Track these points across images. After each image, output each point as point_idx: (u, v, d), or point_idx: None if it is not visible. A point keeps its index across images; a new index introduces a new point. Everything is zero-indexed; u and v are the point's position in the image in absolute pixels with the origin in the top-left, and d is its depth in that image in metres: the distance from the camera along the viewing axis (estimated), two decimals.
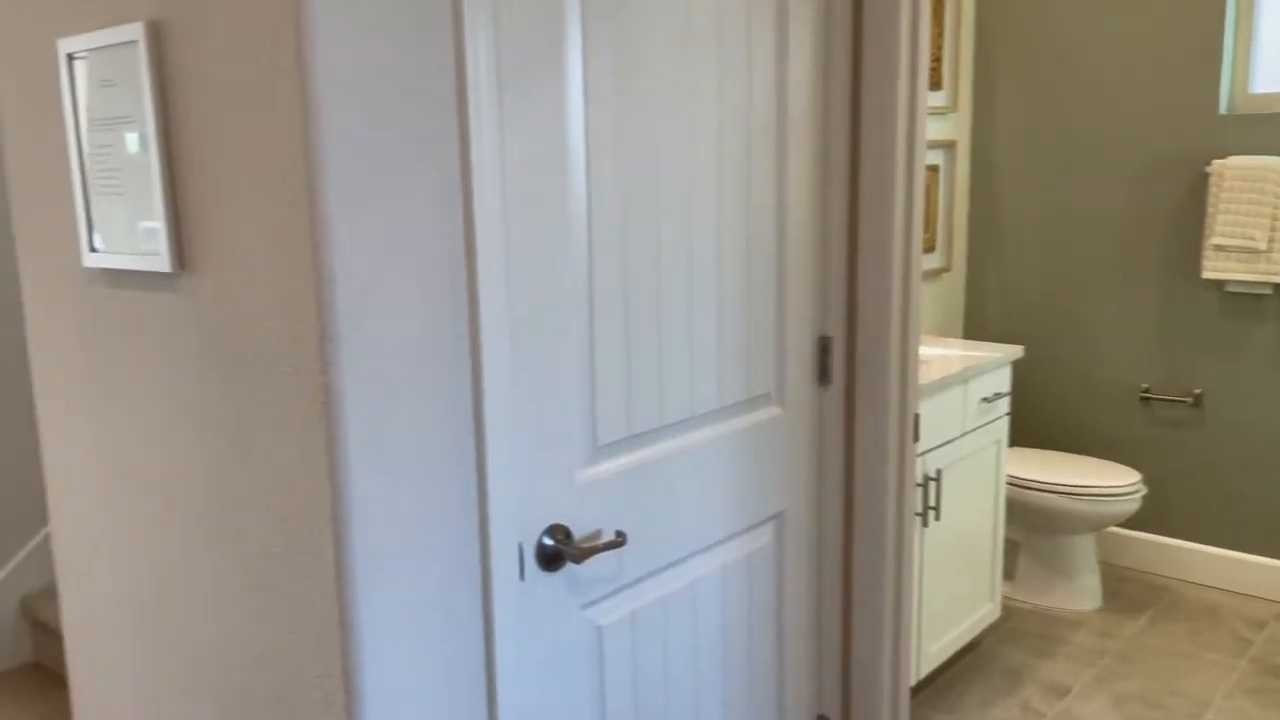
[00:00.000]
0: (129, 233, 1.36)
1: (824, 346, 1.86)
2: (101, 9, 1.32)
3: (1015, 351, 2.88)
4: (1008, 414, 2.90)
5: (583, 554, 1.41)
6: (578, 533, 1.45)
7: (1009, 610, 3.29)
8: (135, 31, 1.25)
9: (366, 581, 1.19)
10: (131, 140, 1.32)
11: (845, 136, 1.82)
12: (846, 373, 1.90)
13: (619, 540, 1.45)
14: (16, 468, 2.65)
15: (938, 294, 3.66)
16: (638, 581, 1.57)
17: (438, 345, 1.23)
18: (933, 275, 3.63)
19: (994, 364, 2.77)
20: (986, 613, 2.92)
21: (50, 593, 2.69)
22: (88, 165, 1.40)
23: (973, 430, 2.71)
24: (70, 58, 1.38)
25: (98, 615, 1.62)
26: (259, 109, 1.15)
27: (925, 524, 2.55)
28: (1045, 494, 3.13)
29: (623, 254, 1.46)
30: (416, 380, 1.21)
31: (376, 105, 1.14)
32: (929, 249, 3.58)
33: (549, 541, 1.40)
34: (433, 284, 1.22)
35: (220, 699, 1.41)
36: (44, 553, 2.71)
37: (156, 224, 1.30)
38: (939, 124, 3.52)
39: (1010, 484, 3.19)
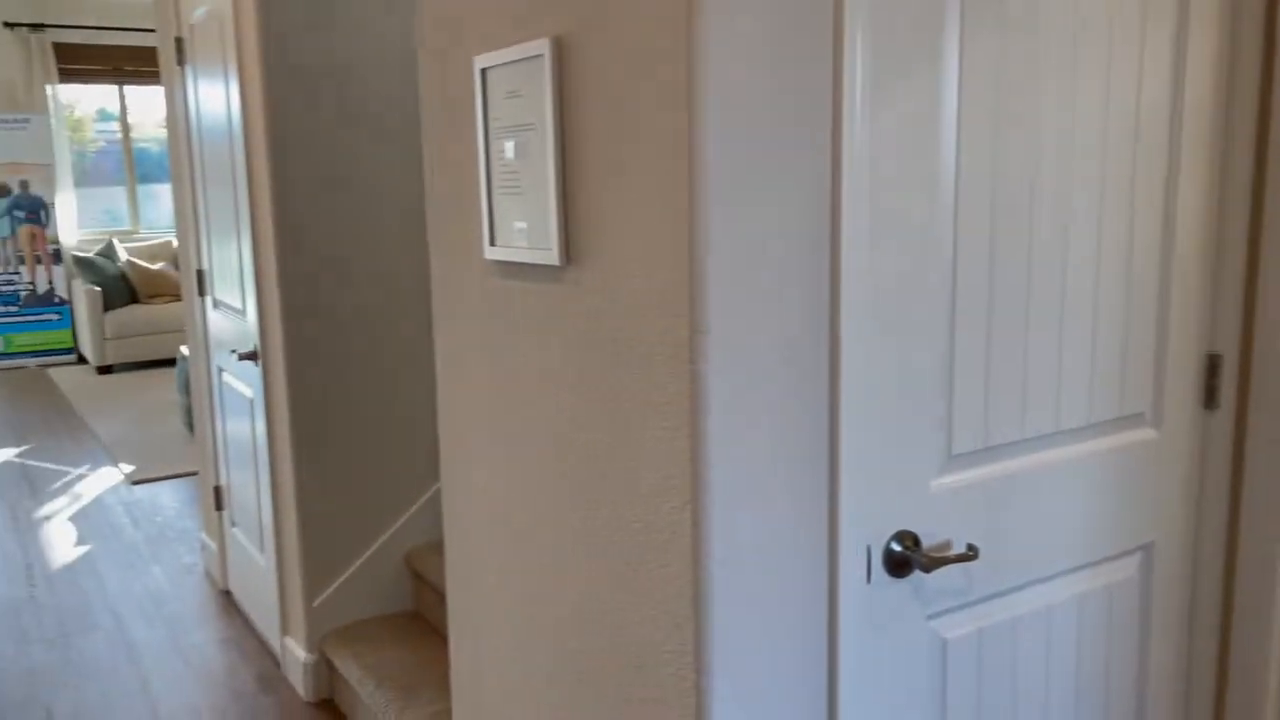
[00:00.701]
0: (524, 229, 1.51)
1: (1212, 365, 1.69)
2: (513, 28, 1.47)
3: None
4: None
5: (931, 563, 1.38)
6: (926, 541, 1.42)
7: None
8: (542, 47, 1.38)
9: (721, 563, 1.24)
10: (532, 145, 1.46)
11: (1250, 141, 1.64)
12: (1238, 395, 1.72)
13: (970, 554, 1.40)
14: (408, 434, 3.01)
15: None
16: (986, 599, 1.51)
17: (800, 343, 1.26)
18: None
19: None
20: None
21: (430, 548, 3.03)
22: (493, 168, 1.57)
23: None
24: (484, 72, 1.55)
25: (476, 573, 1.81)
26: (647, 116, 1.23)
27: None
28: None
29: (989, 258, 1.41)
30: (778, 375, 1.25)
31: (755, 113, 1.18)
32: None
33: (897, 547, 1.39)
34: (798, 283, 1.24)
35: (579, 660, 1.53)
36: (426, 512, 3.06)
37: (549, 221, 1.43)
38: None
39: None
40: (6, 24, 7.93)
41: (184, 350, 5.63)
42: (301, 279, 2.79)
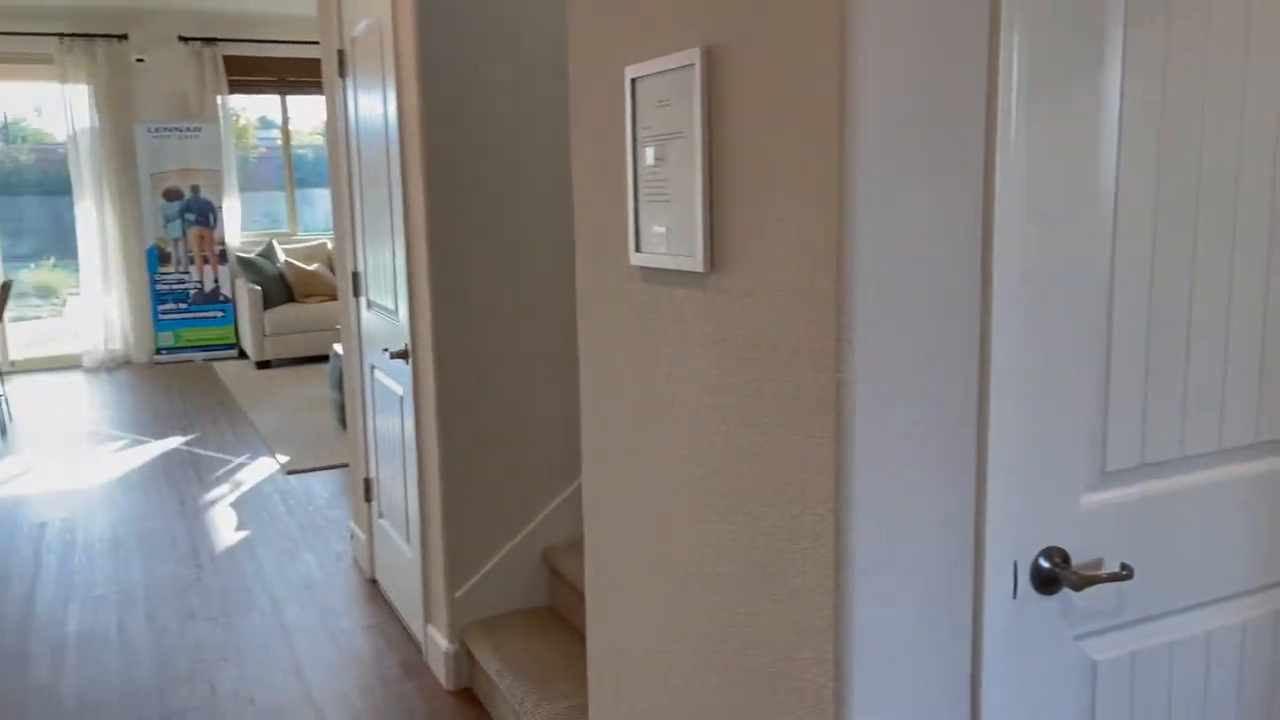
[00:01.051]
0: (669, 235, 1.54)
1: None
2: (665, 38, 1.50)
3: None
4: None
5: (1081, 581, 1.34)
6: (1076, 559, 1.38)
7: None
8: (693, 56, 1.41)
9: (863, 573, 1.24)
10: (680, 153, 1.48)
11: None
12: None
13: (1124, 574, 1.36)
14: (548, 434, 3.09)
15: None
16: (1140, 621, 1.45)
17: (947, 352, 1.24)
18: None
19: None
20: None
21: (567, 546, 3.10)
22: (640, 176, 1.60)
23: None
24: (634, 82, 1.58)
25: (616, 573, 1.85)
26: (795, 124, 1.24)
27: None
28: None
29: (1150, 267, 1.36)
30: (924, 384, 1.24)
31: (908, 120, 1.18)
32: None
33: (1045, 564, 1.35)
34: (947, 292, 1.23)
35: (718, 661, 1.54)
36: (564, 510, 3.13)
37: (695, 228, 1.46)
38: None
39: None
40: (182, 38, 8.48)
41: (337, 348, 5.90)
42: (451, 282, 2.90)
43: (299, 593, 3.84)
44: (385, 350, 3.36)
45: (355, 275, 3.77)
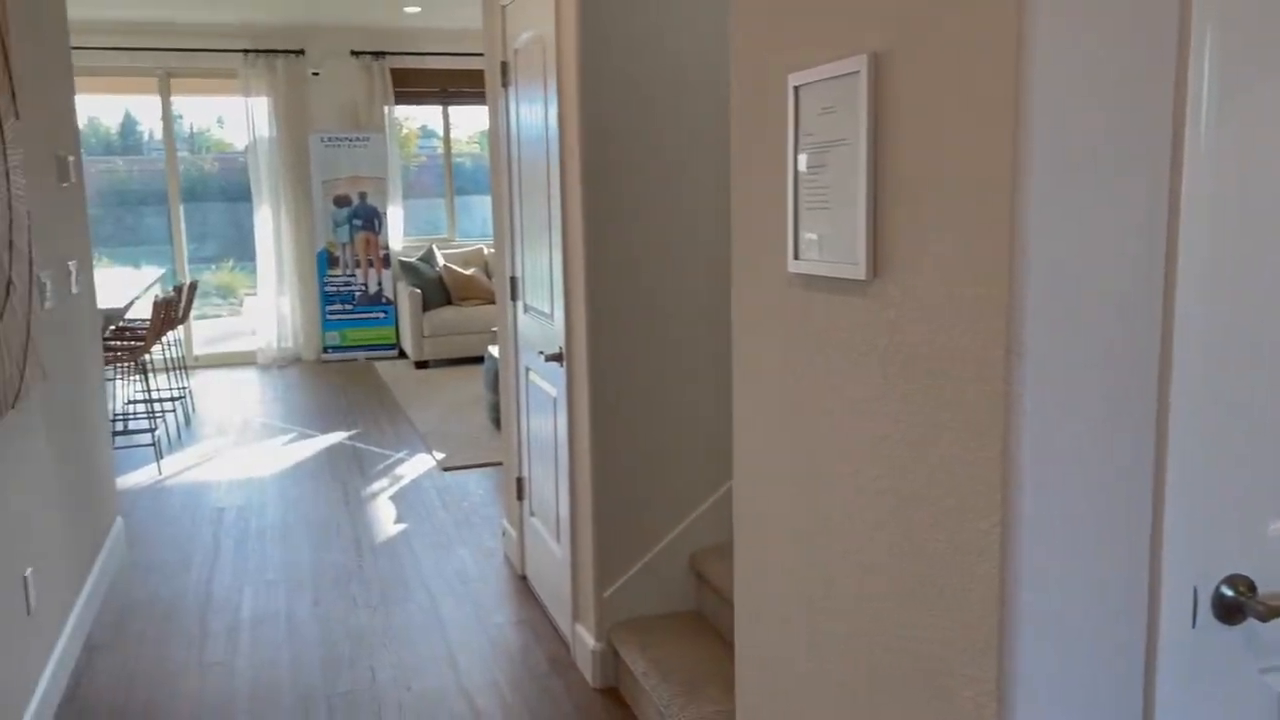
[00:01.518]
0: (829, 243, 1.53)
1: None
2: (829, 46, 1.50)
3: None
4: None
5: (1270, 612, 1.26)
6: (1263, 588, 1.30)
7: None
8: (859, 64, 1.40)
9: (1030, 591, 1.20)
10: (843, 160, 1.47)
11: None
12: None
13: None
14: (698, 439, 3.11)
15: None
16: None
17: (1125, 365, 1.19)
18: None
19: None
20: None
21: (714, 552, 3.11)
22: (800, 183, 1.60)
23: None
24: (797, 89, 1.58)
25: (766, 579, 1.85)
26: (966, 128, 1.21)
27: None
28: None
29: None
30: (1099, 398, 1.19)
31: (1083, 122, 1.14)
32: None
33: (1228, 592, 1.28)
34: (1125, 302, 1.18)
35: (871, 673, 1.52)
36: (711, 515, 3.14)
37: (857, 235, 1.44)
38: None
39: None
40: (353, 53, 8.91)
41: (492, 350, 6.09)
42: (606, 287, 2.95)
43: (453, 586, 3.98)
44: (540, 353, 3.45)
45: (513, 280, 3.88)
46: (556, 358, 3.25)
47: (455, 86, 9.35)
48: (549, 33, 3.08)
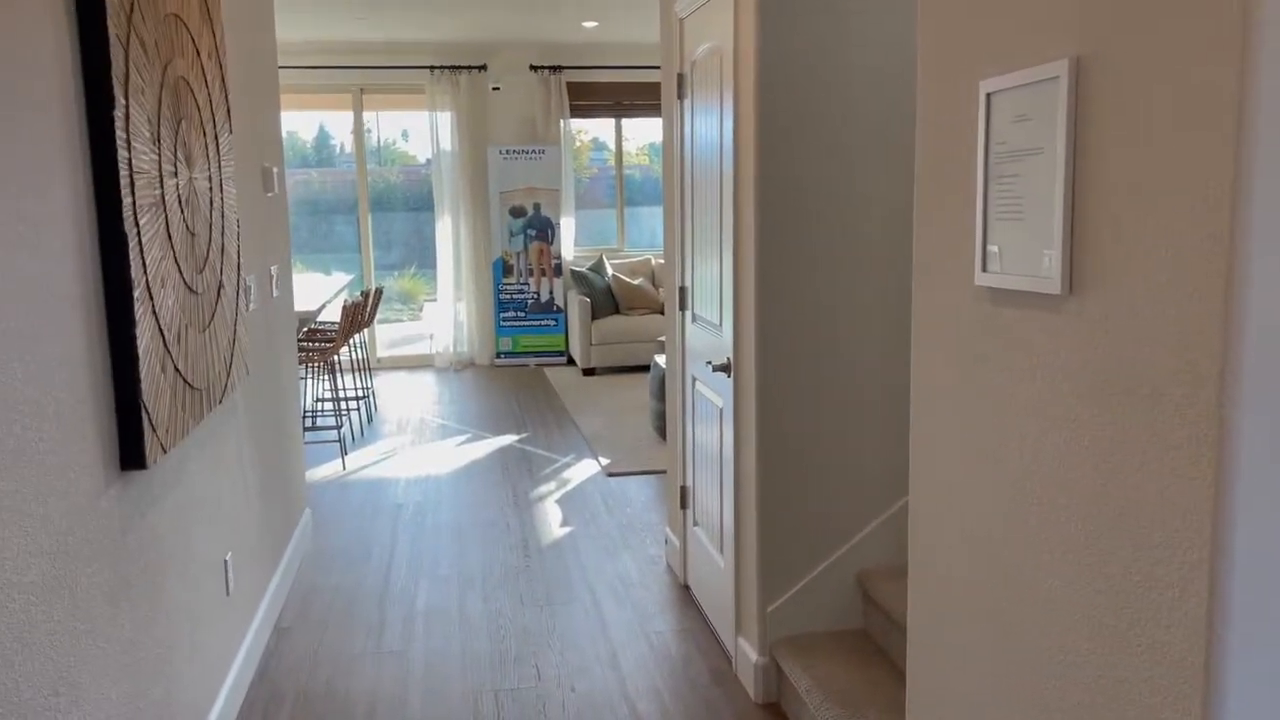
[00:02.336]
0: (1021, 256, 1.47)
1: None
2: (1025, 52, 1.44)
3: None
4: None
5: None
6: None
7: None
8: (1059, 69, 1.34)
9: (1238, 631, 1.11)
10: (1038, 170, 1.41)
11: None
12: None
13: None
14: (868, 455, 3.04)
15: None
16: None
17: None
18: None
19: None
20: None
21: (883, 572, 3.03)
22: (990, 193, 1.54)
23: None
24: (989, 96, 1.53)
25: (943, 604, 1.79)
26: (1180, 138, 1.14)
27: None
28: None
29: None
30: None
31: None
32: None
33: None
34: None
35: (1056, 710, 1.45)
36: (880, 534, 3.07)
37: (1052, 248, 1.38)
38: None
39: None
40: (532, 67, 9.19)
41: (657, 359, 6.14)
42: (777, 298, 2.93)
43: (616, 590, 4.03)
44: (708, 363, 3.45)
45: (682, 290, 3.90)
46: (724, 368, 3.24)
47: (627, 99, 9.50)
48: (727, 45, 3.09)
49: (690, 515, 3.91)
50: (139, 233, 2.18)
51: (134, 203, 2.15)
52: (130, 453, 2.15)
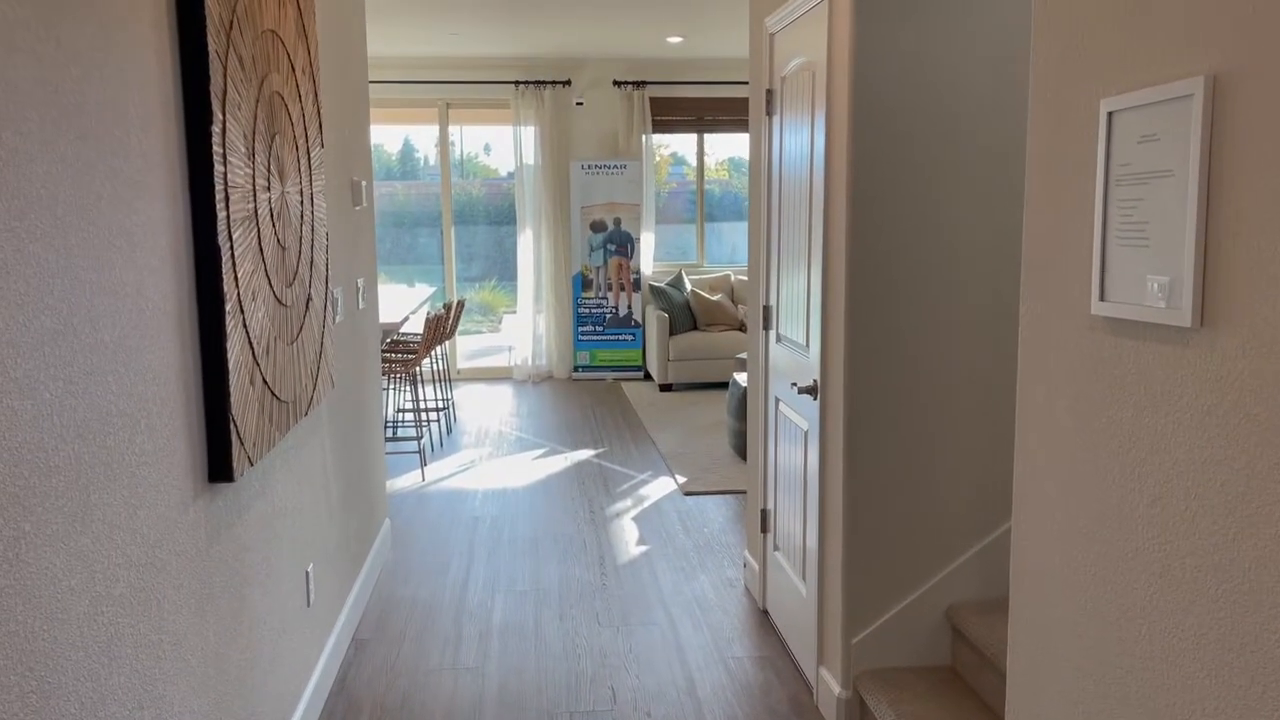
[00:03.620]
0: (1145, 284, 1.38)
1: None
2: (1154, 68, 1.35)
3: None
4: None
5: None
6: None
7: None
8: (1192, 87, 1.25)
9: None
10: (1167, 194, 1.32)
11: None
12: None
13: None
14: (960, 485, 2.93)
15: None
16: None
17: None
18: None
19: None
20: None
21: (974, 606, 2.92)
22: (1110, 218, 1.45)
23: None
24: (1110, 115, 1.44)
25: (1046, 647, 1.69)
26: None
27: None
28: None
29: None
30: None
31: None
32: None
33: None
34: None
35: None
36: (972, 567, 2.95)
37: (1183, 278, 1.29)
38: None
39: None
40: (615, 83, 9.21)
41: (737, 377, 6.06)
42: (868, 320, 2.85)
43: (693, 612, 3.96)
44: (793, 384, 3.37)
45: (766, 308, 3.83)
46: (810, 390, 3.16)
47: (709, 114, 9.46)
48: (819, 59, 3.02)
49: (771, 539, 3.83)
50: (232, 246, 2.20)
51: (228, 217, 2.17)
52: (218, 465, 2.17)
